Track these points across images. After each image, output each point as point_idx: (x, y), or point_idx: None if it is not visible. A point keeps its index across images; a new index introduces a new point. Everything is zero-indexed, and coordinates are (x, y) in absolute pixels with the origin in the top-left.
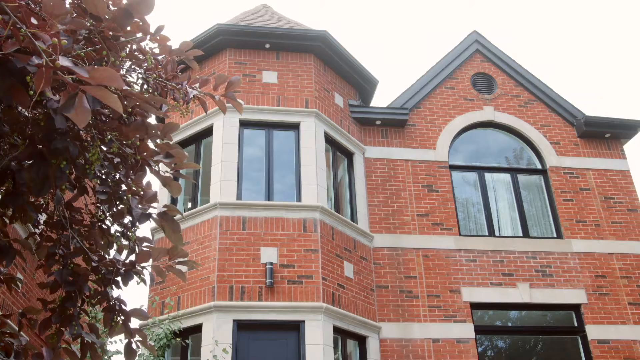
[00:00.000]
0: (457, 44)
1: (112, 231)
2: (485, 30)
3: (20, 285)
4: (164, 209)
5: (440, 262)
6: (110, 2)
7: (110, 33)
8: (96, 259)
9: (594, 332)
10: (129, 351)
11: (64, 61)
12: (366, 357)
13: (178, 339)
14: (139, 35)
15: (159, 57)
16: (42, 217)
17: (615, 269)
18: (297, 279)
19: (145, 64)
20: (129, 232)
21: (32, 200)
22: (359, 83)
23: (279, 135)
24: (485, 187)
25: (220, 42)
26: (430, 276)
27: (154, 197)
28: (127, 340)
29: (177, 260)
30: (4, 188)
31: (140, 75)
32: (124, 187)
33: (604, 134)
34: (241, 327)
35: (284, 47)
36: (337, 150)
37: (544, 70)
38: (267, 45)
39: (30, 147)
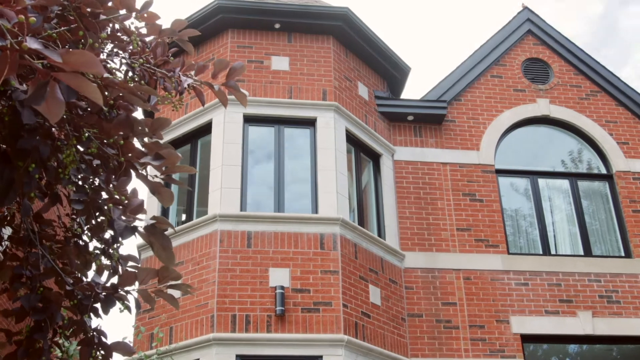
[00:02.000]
0: (504, 24)
1: (91, 248)
2: (539, 7)
3: None
4: (153, 222)
5: (484, 285)
6: None
7: (88, 9)
8: (71, 281)
9: None
10: None
11: (32, 43)
12: None
13: None
14: (123, 12)
15: (147, 39)
16: (7, 232)
17: None
18: (313, 306)
19: (130, 47)
20: (110, 250)
21: None
22: (387, 71)
23: (291, 134)
24: (539, 195)
25: (221, 21)
26: (473, 303)
27: (140, 207)
28: None
29: (168, 284)
30: None
31: (124, 61)
32: (104, 195)
33: None
34: None
35: (297, 27)
36: (361, 151)
37: (605, 56)
38: (277, 25)
39: None
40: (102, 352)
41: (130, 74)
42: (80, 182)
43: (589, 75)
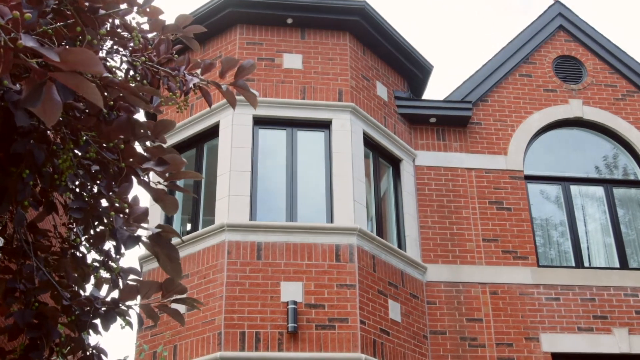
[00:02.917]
0: (534, 19)
1: (89, 260)
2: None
3: None
4: (157, 231)
5: (512, 300)
6: None
7: (87, 4)
8: (68, 296)
9: None
10: None
11: (27, 41)
12: None
13: None
14: (124, 6)
15: (150, 35)
16: None
17: None
18: (328, 322)
19: (132, 44)
20: (110, 262)
21: None
22: (408, 69)
23: (304, 137)
24: (571, 203)
25: (229, 16)
26: (500, 319)
27: (144, 215)
28: None
29: (172, 298)
30: None
31: (125, 59)
32: (104, 202)
33: None
34: None
35: (311, 22)
36: (379, 156)
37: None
38: (289, 21)
39: None
40: None
41: (131, 73)
42: (77, 189)
43: (625, 74)
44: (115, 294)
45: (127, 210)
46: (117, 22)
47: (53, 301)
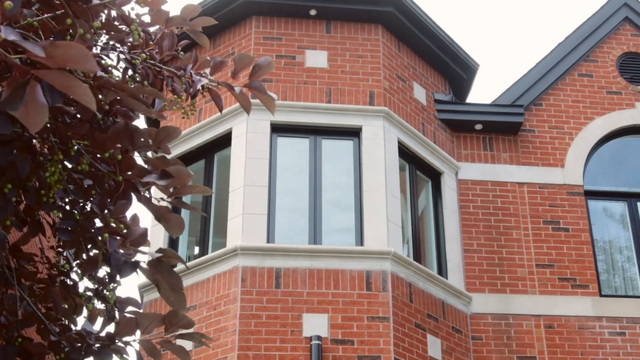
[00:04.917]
0: (595, 10)
1: (81, 289)
2: None
3: None
4: (159, 256)
5: (571, 335)
6: None
7: None
8: (57, 330)
9: None
10: None
11: (8, 33)
12: None
13: None
14: None
15: (151, 29)
16: None
17: None
18: None
19: (131, 39)
20: (105, 291)
21: None
22: (450, 69)
23: (330, 146)
24: (639, 223)
25: (243, 6)
26: (557, 357)
27: (143, 238)
28: None
29: (177, 333)
30: None
31: (122, 56)
32: (98, 222)
33: None
34: None
35: (337, 14)
36: (417, 169)
37: None
38: (313, 12)
39: None
40: None
41: (130, 72)
42: (67, 207)
43: None
44: (111, 328)
45: (124, 232)
46: (113, 13)
47: (39, 336)
